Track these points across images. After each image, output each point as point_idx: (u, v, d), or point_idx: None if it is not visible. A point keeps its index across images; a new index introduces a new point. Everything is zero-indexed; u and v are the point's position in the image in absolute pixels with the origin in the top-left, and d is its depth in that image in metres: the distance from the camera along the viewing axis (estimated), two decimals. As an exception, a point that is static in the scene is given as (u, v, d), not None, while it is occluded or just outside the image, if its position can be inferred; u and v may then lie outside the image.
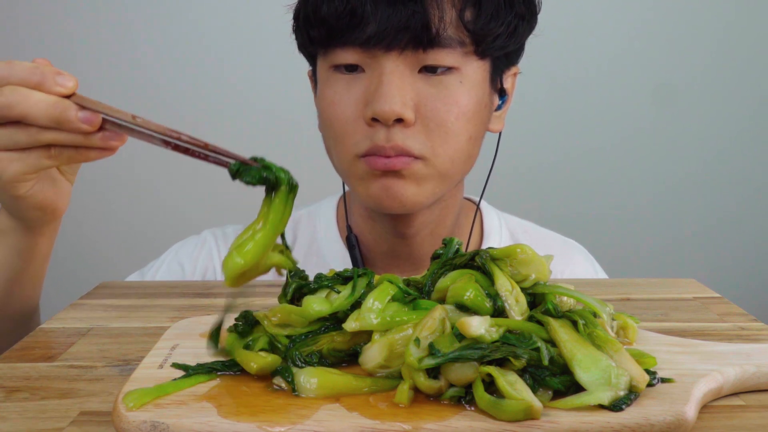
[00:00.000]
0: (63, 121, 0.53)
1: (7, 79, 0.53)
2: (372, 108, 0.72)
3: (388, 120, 0.72)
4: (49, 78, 0.53)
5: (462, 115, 0.75)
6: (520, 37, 0.78)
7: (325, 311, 0.49)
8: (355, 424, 0.40)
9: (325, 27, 0.73)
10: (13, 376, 0.51)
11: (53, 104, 0.53)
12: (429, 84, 0.73)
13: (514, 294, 0.48)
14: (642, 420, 0.40)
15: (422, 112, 0.73)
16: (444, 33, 0.71)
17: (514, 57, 0.82)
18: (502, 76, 0.81)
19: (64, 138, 0.54)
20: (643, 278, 0.77)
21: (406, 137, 0.73)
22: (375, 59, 0.73)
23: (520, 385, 0.41)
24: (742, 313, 0.65)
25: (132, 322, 0.63)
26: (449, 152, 0.75)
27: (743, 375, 0.47)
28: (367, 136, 0.74)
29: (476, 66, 0.75)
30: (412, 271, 0.85)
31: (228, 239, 0.93)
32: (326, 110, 0.77)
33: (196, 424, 0.40)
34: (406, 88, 0.72)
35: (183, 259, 0.91)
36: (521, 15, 0.76)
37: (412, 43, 0.71)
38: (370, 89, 0.73)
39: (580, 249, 0.98)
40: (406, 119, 0.72)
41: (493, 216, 0.94)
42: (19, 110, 0.53)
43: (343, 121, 0.75)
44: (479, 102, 0.76)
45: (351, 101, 0.74)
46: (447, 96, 0.74)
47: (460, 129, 0.75)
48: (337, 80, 0.76)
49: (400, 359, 0.45)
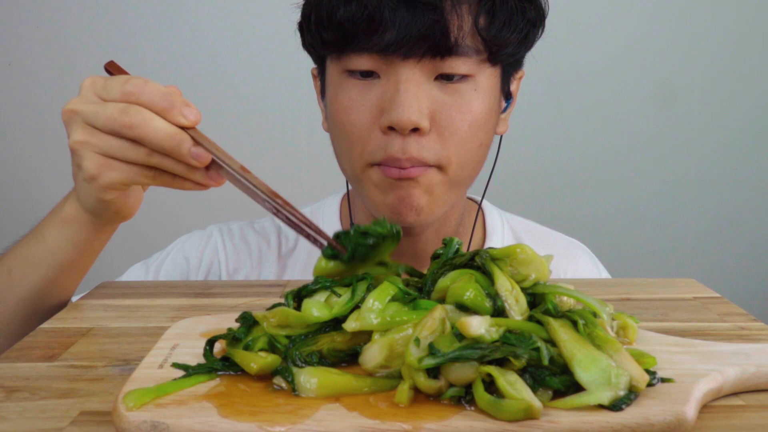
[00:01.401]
0: (176, 152, 0.55)
1: (138, 96, 0.56)
2: (389, 117, 0.71)
3: (404, 129, 0.71)
4: (176, 108, 0.56)
5: (475, 123, 0.74)
6: (531, 43, 0.78)
7: (324, 317, 0.48)
8: (355, 424, 0.40)
9: (341, 31, 0.71)
10: (13, 376, 0.51)
11: (171, 135, 0.55)
12: (444, 92, 0.73)
13: (514, 294, 0.48)
14: (642, 420, 0.40)
15: (437, 121, 0.73)
16: (462, 42, 0.71)
17: (521, 61, 0.82)
18: (510, 80, 0.81)
19: (170, 165, 0.57)
20: (643, 278, 0.77)
21: (421, 147, 0.72)
22: (391, 66, 0.72)
23: (520, 385, 0.41)
24: (742, 313, 0.65)
25: (132, 322, 0.63)
26: (462, 159, 0.75)
27: (743, 375, 0.47)
28: (381, 145, 0.73)
29: (489, 73, 0.75)
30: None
31: (233, 235, 0.93)
32: (339, 115, 0.76)
33: (196, 424, 0.40)
34: (423, 97, 0.72)
35: (189, 251, 0.91)
36: (533, 21, 0.76)
37: (430, 52, 0.70)
38: (386, 97, 0.72)
39: (583, 248, 0.98)
40: (422, 128, 0.71)
41: (495, 215, 0.94)
42: (138, 132, 0.55)
43: (358, 127, 0.74)
44: (491, 108, 0.76)
45: (366, 108, 0.74)
46: (462, 104, 0.73)
47: (473, 136, 0.75)
48: (352, 86, 0.75)
49: (400, 359, 0.45)
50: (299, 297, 0.51)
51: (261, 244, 0.92)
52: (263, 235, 0.93)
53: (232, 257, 0.91)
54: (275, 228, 0.94)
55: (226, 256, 0.91)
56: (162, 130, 0.55)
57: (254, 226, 0.94)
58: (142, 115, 0.55)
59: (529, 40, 0.77)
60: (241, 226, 0.94)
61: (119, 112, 0.56)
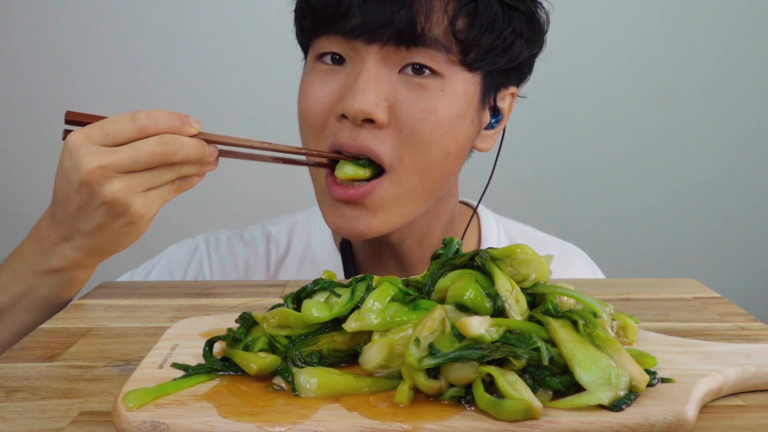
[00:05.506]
0: (203, 158, 0.63)
1: (154, 126, 0.60)
2: (342, 104, 0.70)
3: (356, 118, 0.69)
4: (186, 122, 0.62)
5: (439, 126, 0.71)
6: (516, 55, 0.74)
7: (324, 318, 0.48)
8: (355, 424, 0.40)
9: (314, 16, 0.72)
10: (13, 376, 0.51)
11: (198, 146, 0.62)
12: (408, 87, 0.71)
13: (514, 294, 0.47)
14: (642, 420, 0.40)
15: (396, 116, 0.70)
16: (429, 33, 0.69)
17: (512, 76, 0.78)
18: (497, 94, 0.78)
19: (192, 170, 0.63)
20: (643, 278, 0.77)
21: (376, 138, 0.70)
22: (356, 52, 0.71)
23: (520, 385, 0.41)
24: (742, 313, 0.65)
25: (132, 322, 0.63)
26: (420, 165, 0.72)
27: (743, 375, 0.47)
28: (333, 131, 0.72)
29: (462, 77, 0.72)
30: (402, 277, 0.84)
31: (220, 246, 0.91)
32: (300, 100, 0.76)
33: (196, 424, 0.40)
34: (382, 87, 0.70)
35: (174, 265, 0.90)
36: (519, 32, 0.73)
37: (394, 38, 0.69)
38: (347, 84, 0.71)
39: (580, 253, 0.97)
40: (377, 120, 0.69)
41: (491, 221, 0.93)
42: (182, 155, 0.61)
43: (314, 113, 0.73)
44: (461, 115, 0.73)
45: (325, 94, 0.72)
46: (426, 102, 0.70)
47: (436, 141, 0.71)
48: (318, 71, 0.74)
49: (400, 359, 0.45)
50: (298, 299, 0.51)
51: (248, 255, 0.91)
52: (251, 244, 0.92)
53: (218, 270, 0.90)
54: (264, 236, 0.92)
55: (211, 269, 0.90)
56: (193, 145, 0.62)
57: (243, 235, 0.93)
58: (175, 140, 0.60)
59: (513, 51, 0.73)
60: (229, 236, 0.93)
61: (157, 145, 0.60)
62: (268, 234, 0.92)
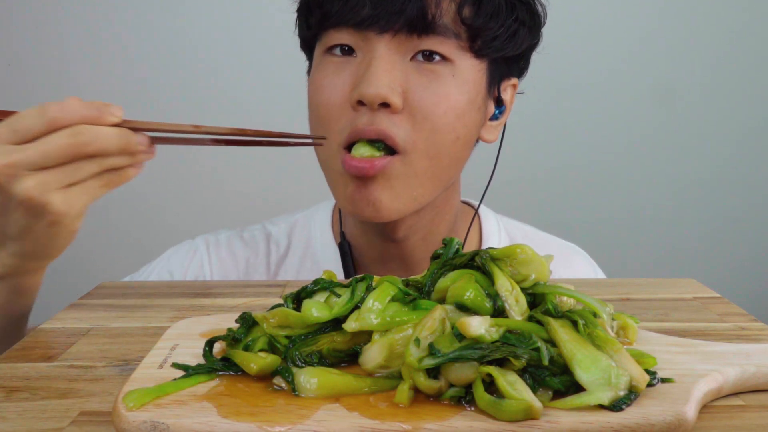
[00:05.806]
0: (127, 148, 0.58)
1: (65, 118, 0.56)
2: (358, 90, 0.70)
3: (373, 103, 0.70)
4: (104, 111, 0.57)
5: (451, 110, 0.73)
6: (520, 43, 0.77)
7: (324, 318, 0.48)
8: (355, 424, 0.40)
9: (322, 10, 0.73)
10: (13, 376, 0.51)
11: (118, 135, 0.57)
12: (420, 73, 0.72)
13: (514, 294, 0.47)
14: (642, 420, 0.40)
15: (410, 101, 0.71)
16: (439, 20, 0.71)
17: (514, 67, 0.80)
18: (500, 84, 0.80)
19: (119, 161, 0.58)
20: (643, 278, 0.77)
21: (392, 123, 0.71)
22: (367, 42, 0.72)
23: (520, 385, 0.41)
24: (742, 313, 0.65)
25: (132, 322, 0.63)
26: (431, 149, 0.73)
27: (743, 375, 0.47)
28: (350, 120, 0.72)
29: (471, 64, 0.74)
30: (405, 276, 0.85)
31: (220, 247, 0.91)
32: (313, 95, 0.76)
33: (196, 424, 0.40)
34: (395, 73, 0.71)
35: (174, 266, 0.90)
36: (522, 21, 0.75)
37: (406, 28, 0.70)
38: (359, 73, 0.72)
39: (581, 253, 0.97)
40: (393, 104, 0.70)
41: (491, 220, 0.93)
42: (96, 146, 0.56)
43: (329, 105, 0.73)
44: (471, 101, 0.75)
45: (339, 85, 0.73)
46: (437, 87, 0.72)
47: (448, 125, 0.73)
48: (329, 63, 0.74)
49: (400, 359, 0.45)
50: (298, 299, 0.51)
51: (248, 255, 0.91)
52: (251, 244, 0.92)
53: (218, 270, 0.90)
54: (264, 236, 0.92)
55: (211, 270, 0.90)
56: (111, 135, 0.57)
57: (243, 236, 0.93)
58: (90, 130, 0.56)
59: (517, 39, 0.76)
60: (229, 236, 0.93)
61: (69, 137, 0.55)
62: (268, 234, 0.92)
